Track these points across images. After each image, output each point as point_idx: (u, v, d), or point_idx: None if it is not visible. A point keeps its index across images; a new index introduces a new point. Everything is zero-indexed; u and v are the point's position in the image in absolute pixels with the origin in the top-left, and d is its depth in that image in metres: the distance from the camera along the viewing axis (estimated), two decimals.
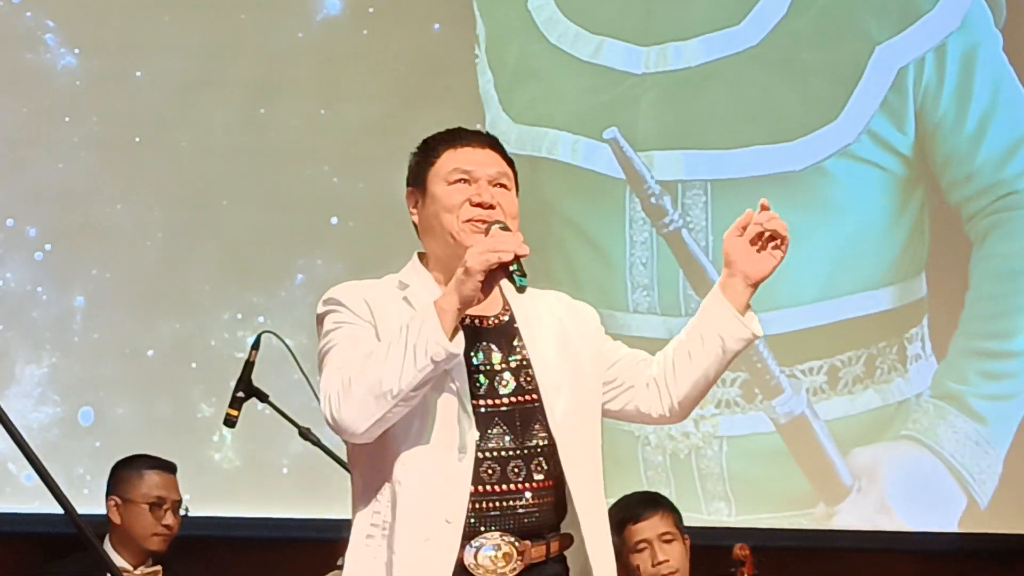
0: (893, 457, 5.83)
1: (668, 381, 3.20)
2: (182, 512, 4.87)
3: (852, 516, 5.79)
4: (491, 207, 3.11)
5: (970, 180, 5.90)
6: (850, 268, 5.85)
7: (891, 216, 5.90)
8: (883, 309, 5.86)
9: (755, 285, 3.20)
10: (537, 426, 3.10)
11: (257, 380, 4.66)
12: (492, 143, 3.21)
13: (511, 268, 2.95)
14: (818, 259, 5.83)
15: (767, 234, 3.18)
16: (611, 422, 3.26)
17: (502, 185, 3.15)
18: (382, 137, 5.72)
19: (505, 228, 3.07)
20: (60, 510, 2.97)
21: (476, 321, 3.11)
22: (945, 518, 5.84)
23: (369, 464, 3.08)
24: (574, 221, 5.81)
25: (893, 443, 5.84)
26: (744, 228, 3.20)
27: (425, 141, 3.21)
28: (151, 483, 4.89)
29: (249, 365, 4.70)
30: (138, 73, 5.82)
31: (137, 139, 5.79)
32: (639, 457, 5.72)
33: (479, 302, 3.00)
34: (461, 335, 2.98)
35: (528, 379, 3.10)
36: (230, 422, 4.69)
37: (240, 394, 4.69)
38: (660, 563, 4.69)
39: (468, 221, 3.10)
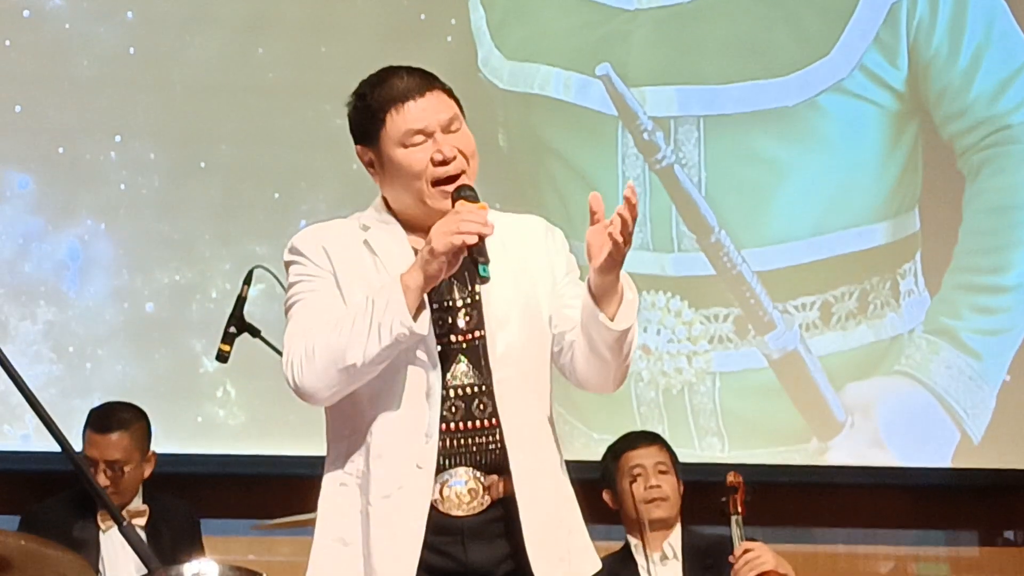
0: (886, 392, 5.85)
1: (572, 362, 3.12)
2: None
3: (845, 451, 5.81)
4: (453, 158, 3.07)
5: (963, 115, 5.90)
6: (843, 203, 5.85)
7: (884, 151, 5.90)
8: (876, 244, 5.87)
9: (605, 271, 3.00)
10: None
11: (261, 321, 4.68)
12: (429, 83, 3.13)
13: (475, 255, 2.95)
14: (811, 195, 5.84)
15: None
16: None
17: (453, 129, 3.10)
18: None
19: (471, 196, 3.04)
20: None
21: None
22: (938, 453, 5.86)
23: (340, 410, 3.11)
24: (566, 157, 5.80)
25: (886, 378, 5.85)
26: (597, 217, 3.02)
27: (362, 95, 3.15)
28: (86, 441, 4.88)
29: (241, 300, 4.71)
30: (129, 14, 5.76)
31: (130, 82, 5.71)
32: (632, 393, 5.72)
33: (448, 275, 3.00)
34: (426, 313, 2.99)
35: (481, 314, 3.09)
36: (222, 357, 4.71)
37: (232, 329, 4.71)
38: (652, 487, 4.75)
39: (436, 184, 3.08)
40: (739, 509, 4.66)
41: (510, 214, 3.20)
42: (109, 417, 4.91)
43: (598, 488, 4.79)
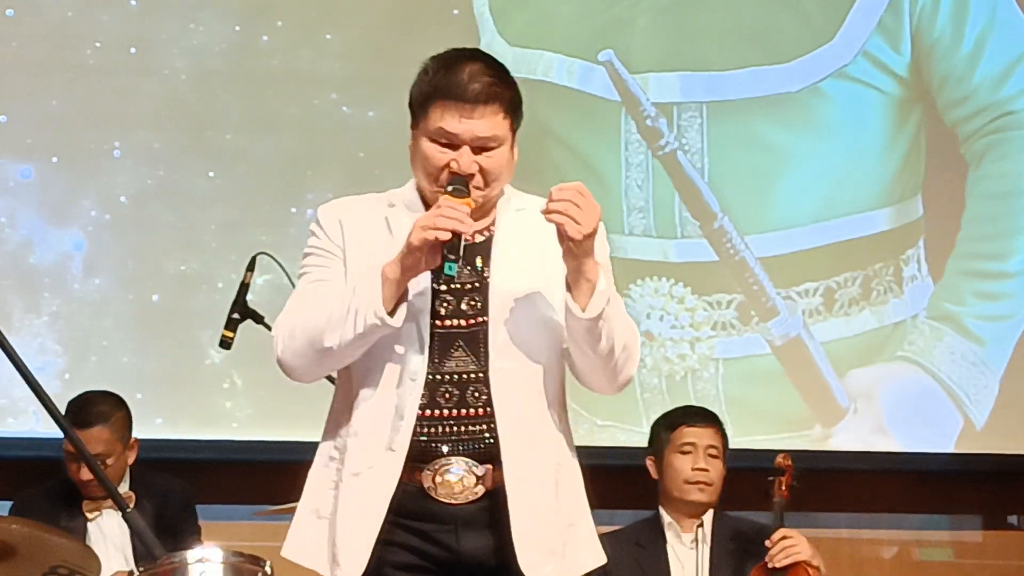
0: (889, 379, 5.85)
1: (571, 358, 3.11)
2: None
3: (848, 437, 5.81)
4: (470, 176, 3.04)
5: (967, 101, 5.89)
6: (846, 190, 5.85)
7: (887, 137, 5.90)
8: (879, 230, 5.87)
9: (572, 256, 2.98)
10: None
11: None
12: (489, 98, 3.06)
13: (445, 252, 2.94)
14: (814, 181, 5.84)
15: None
16: None
17: (487, 148, 3.06)
18: (389, 63, 5.60)
19: (460, 191, 3.02)
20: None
21: None
22: (941, 439, 5.86)
23: (340, 385, 3.14)
24: (569, 144, 5.80)
25: (889, 365, 5.86)
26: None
27: (427, 70, 3.11)
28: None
29: (244, 286, 4.72)
30: (132, 1, 5.74)
31: (134, 71, 5.69)
32: (635, 380, 5.69)
33: (427, 269, 2.99)
34: (404, 306, 2.99)
35: (486, 300, 3.07)
36: (225, 344, 4.71)
37: (235, 316, 4.71)
38: (698, 470, 4.72)
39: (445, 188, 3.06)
40: (783, 492, 4.65)
41: (537, 197, 3.14)
42: (88, 411, 4.77)
43: (607, 472, 4.72)
